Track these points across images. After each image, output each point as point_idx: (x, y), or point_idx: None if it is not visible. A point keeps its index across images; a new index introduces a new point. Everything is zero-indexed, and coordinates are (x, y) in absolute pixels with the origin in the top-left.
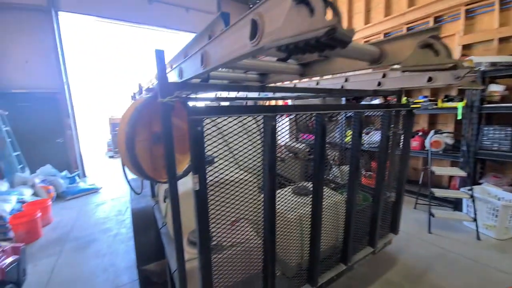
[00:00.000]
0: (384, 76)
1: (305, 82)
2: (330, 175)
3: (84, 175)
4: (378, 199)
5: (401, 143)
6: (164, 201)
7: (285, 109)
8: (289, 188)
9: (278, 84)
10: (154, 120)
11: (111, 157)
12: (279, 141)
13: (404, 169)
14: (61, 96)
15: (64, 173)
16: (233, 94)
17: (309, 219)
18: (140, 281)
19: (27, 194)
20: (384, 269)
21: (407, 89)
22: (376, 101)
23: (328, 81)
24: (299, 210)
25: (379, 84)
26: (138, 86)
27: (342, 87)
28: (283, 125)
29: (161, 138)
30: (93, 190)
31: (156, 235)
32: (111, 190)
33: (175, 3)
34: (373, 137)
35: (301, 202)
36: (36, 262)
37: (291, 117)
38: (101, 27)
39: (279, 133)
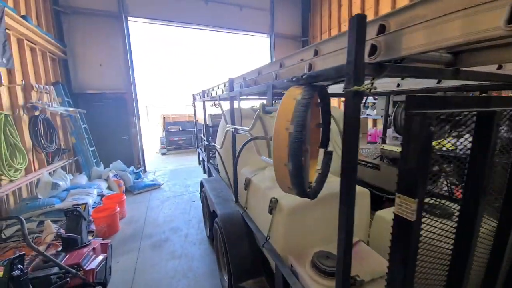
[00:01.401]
0: None
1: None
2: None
3: (146, 171)
4: None
5: None
6: (270, 213)
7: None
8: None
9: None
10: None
11: (163, 154)
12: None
13: None
14: (128, 96)
15: (131, 168)
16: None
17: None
18: None
19: (103, 187)
20: None
21: None
22: None
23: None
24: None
25: None
26: (229, 81)
27: None
28: None
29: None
30: (156, 186)
31: (250, 247)
32: (171, 187)
33: (229, 2)
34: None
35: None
36: (118, 258)
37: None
38: (161, 31)
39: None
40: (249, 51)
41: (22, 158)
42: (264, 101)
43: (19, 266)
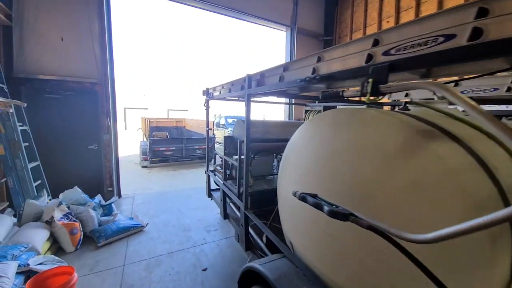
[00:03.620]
0: None
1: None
2: None
3: (120, 195)
4: None
5: None
6: None
7: None
8: None
9: None
10: None
11: (144, 167)
12: None
13: None
14: (102, 89)
15: (97, 198)
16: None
17: None
18: None
19: (39, 244)
20: None
21: None
22: None
23: None
24: None
25: None
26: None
27: None
28: None
29: None
30: (136, 229)
31: None
32: (160, 229)
33: None
34: None
35: None
36: None
37: None
38: (157, 10)
39: None
40: (260, 49)
41: None
42: None
43: None
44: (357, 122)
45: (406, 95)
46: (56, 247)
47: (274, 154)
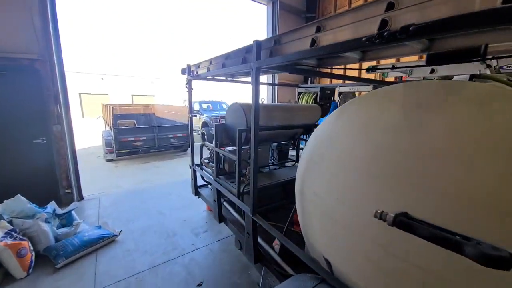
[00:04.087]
0: None
1: None
2: None
3: (81, 197)
4: None
5: None
6: None
7: None
8: None
9: None
10: None
11: (110, 160)
12: None
13: None
14: (44, 67)
15: (50, 208)
16: None
17: None
18: None
19: None
20: None
21: None
22: None
23: None
24: None
25: None
26: None
27: None
28: None
29: None
30: (106, 239)
31: None
32: (137, 238)
33: None
34: None
35: None
36: None
37: None
38: None
39: None
40: (234, 33)
41: None
42: None
43: None
44: (464, 101)
45: (432, 71)
46: (2, 273)
47: (270, 144)
